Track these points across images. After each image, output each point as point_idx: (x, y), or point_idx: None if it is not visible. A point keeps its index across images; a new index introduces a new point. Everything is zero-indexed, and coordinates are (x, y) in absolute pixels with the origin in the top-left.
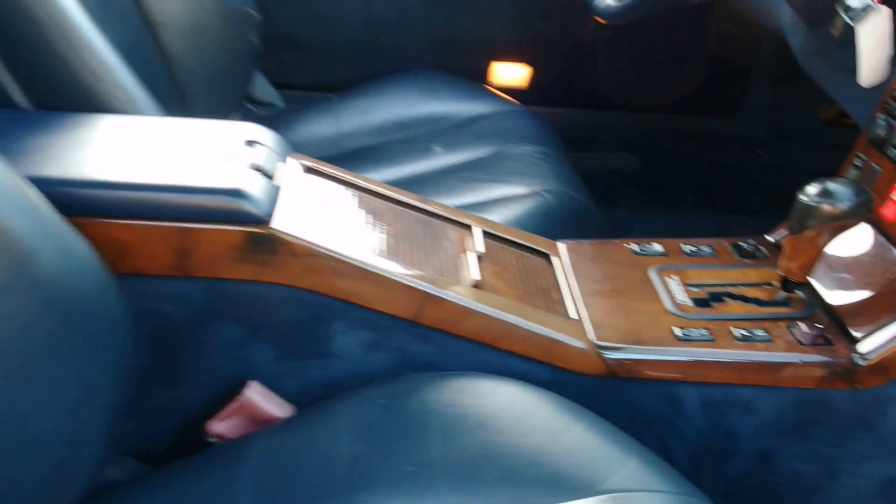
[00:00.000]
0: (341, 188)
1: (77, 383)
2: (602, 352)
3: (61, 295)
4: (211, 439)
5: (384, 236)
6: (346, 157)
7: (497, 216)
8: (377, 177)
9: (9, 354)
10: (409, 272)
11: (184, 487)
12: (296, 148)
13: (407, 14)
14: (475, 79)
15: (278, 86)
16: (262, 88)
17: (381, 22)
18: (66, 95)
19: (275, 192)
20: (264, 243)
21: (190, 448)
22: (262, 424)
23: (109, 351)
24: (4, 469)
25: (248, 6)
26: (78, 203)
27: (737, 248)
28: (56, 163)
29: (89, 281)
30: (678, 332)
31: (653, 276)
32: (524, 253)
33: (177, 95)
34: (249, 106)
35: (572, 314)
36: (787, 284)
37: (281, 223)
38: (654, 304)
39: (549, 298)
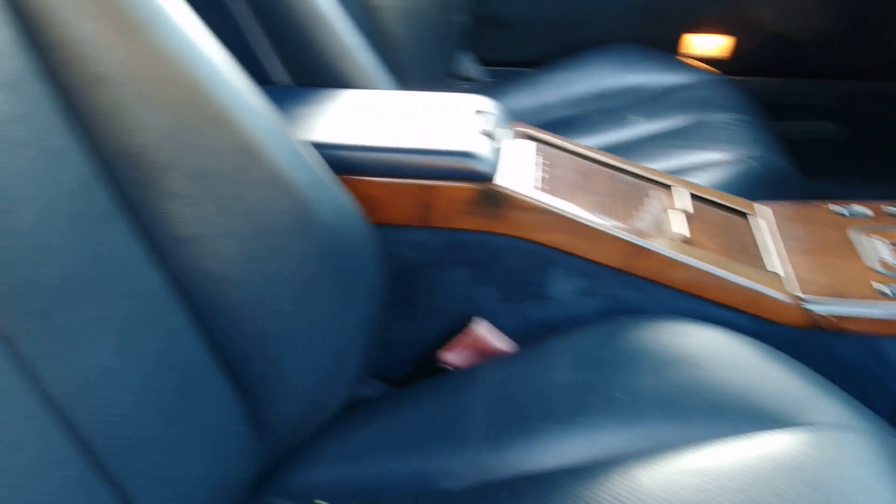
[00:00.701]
0: (554, 151)
1: (344, 309)
2: (805, 304)
3: (332, 237)
4: (442, 366)
5: (594, 194)
6: (546, 128)
7: (699, 180)
8: None
9: (296, 283)
10: (619, 226)
11: (425, 404)
12: None
13: None
14: (672, 51)
15: (481, 62)
16: (466, 64)
17: None
18: (317, 72)
19: (499, 154)
20: (492, 198)
21: (424, 373)
22: (488, 357)
23: (367, 284)
24: (292, 375)
25: None
26: (339, 163)
27: None
28: (319, 129)
29: (353, 227)
30: (883, 288)
31: (857, 236)
32: (726, 212)
33: (394, 72)
34: (456, 82)
35: (775, 269)
36: None
37: (505, 181)
38: (858, 262)
39: (751, 254)
